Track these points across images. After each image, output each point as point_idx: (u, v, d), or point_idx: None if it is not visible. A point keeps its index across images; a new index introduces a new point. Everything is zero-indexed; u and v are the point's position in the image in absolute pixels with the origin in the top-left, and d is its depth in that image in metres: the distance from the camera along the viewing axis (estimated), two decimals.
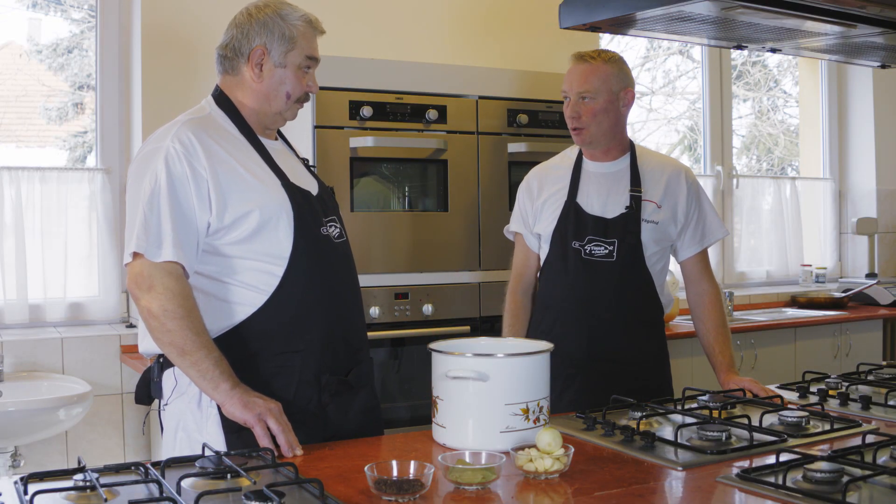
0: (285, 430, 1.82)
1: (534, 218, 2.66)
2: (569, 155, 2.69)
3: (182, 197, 1.90)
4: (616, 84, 2.52)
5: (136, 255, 1.88)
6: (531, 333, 2.64)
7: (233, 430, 1.89)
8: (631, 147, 2.63)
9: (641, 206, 2.54)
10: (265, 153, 2.04)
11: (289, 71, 2.03)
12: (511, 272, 2.75)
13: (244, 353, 1.94)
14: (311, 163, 2.22)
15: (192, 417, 1.94)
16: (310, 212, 2.02)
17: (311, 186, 2.10)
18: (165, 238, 1.87)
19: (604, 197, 2.57)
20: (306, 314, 1.98)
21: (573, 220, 2.55)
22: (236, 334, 1.95)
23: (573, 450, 1.68)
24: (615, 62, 2.53)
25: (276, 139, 2.15)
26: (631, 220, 2.52)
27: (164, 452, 1.99)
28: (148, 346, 1.97)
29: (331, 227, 2.07)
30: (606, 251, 2.52)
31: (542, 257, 2.64)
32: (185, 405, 1.95)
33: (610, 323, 2.53)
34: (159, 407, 2.04)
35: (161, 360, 2.00)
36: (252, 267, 1.95)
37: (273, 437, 1.82)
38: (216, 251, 1.95)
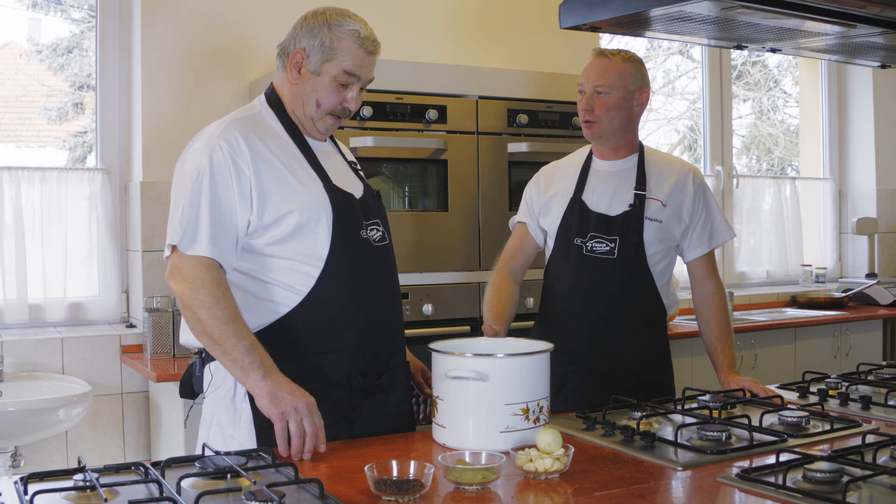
0: (302, 435, 1.79)
1: (540, 211, 2.66)
2: (580, 154, 2.71)
3: (223, 194, 1.93)
4: (632, 83, 2.53)
5: (173, 248, 1.92)
6: (535, 328, 2.65)
7: (264, 425, 1.88)
8: (640, 148, 2.64)
9: (645, 204, 2.54)
10: (310, 154, 2.06)
11: (323, 80, 2.04)
12: (501, 255, 2.69)
13: (279, 351, 1.93)
14: (357, 166, 2.23)
15: (226, 413, 1.97)
16: (351, 214, 2.02)
17: (356, 189, 2.11)
18: (201, 233, 1.90)
19: (609, 195, 2.57)
20: (341, 315, 1.98)
21: (577, 216, 2.56)
22: (272, 332, 1.96)
23: (573, 450, 1.68)
24: (634, 62, 2.55)
25: (325, 140, 2.16)
26: (633, 218, 2.52)
27: (199, 445, 1.99)
28: (187, 337, 1.99)
29: (372, 230, 2.07)
30: (608, 248, 2.52)
31: (548, 254, 2.65)
32: (220, 400, 1.98)
33: (610, 320, 2.53)
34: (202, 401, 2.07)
35: (203, 354, 2.03)
36: (288, 267, 1.97)
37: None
38: (253, 249, 1.97)
